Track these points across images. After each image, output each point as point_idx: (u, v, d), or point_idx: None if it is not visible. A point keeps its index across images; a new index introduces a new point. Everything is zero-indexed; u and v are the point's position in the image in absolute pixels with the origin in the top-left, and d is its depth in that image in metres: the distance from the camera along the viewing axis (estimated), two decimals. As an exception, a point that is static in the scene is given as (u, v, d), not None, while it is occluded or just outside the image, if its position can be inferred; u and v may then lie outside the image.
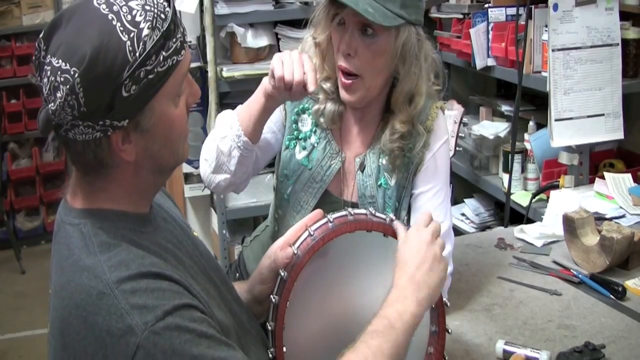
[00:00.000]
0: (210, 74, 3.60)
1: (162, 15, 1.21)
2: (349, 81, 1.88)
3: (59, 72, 1.17)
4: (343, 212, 1.51)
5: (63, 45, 1.18)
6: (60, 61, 1.17)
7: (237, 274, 2.31)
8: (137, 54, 1.17)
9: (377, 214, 1.53)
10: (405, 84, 1.91)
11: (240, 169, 1.93)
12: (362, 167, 2.00)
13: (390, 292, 1.40)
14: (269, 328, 1.46)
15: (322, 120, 2.00)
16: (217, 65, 3.62)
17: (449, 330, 1.54)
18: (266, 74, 2.16)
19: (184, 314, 1.19)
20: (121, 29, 1.17)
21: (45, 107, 1.20)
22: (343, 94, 1.91)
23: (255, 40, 3.68)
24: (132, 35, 1.17)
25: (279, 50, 3.74)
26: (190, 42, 3.87)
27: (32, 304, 4.53)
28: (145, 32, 1.18)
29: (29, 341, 4.18)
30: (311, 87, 1.73)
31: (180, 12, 3.68)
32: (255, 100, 1.86)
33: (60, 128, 1.21)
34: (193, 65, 3.88)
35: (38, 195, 5.58)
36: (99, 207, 1.29)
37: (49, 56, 1.19)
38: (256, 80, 3.49)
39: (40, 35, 1.22)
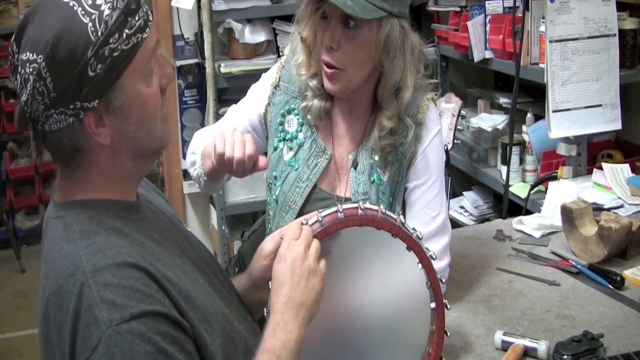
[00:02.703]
0: (208, 70, 3.60)
1: None
2: (331, 70, 1.87)
3: (28, 64, 1.21)
4: (354, 205, 1.51)
5: (29, 39, 1.22)
6: (28, 53, 1.21)
7: (237, 269, 2.31)
8: (99, 33, 1.21)
9: (388, 212, 1.52)
10: (390, 77, 1.89)
11: (212, 186, 2.10)
12: (355, 165, 2.00)
13: (270, 317, 1.37)
14: (265, 314, 1.45)
15: (309, 117, 2.00)
16: (214, 61, 3.62)
17: (447, 333, 1.53)
18: (264, 69, 2.17)
19: (150, 323, 1.19)
20: (82, 12, 1.22)
21: (19, 102, 1.24)
22: (326, 83, 1.91)
23: (253, 36, 3.68)
24: (93, 17, 1.22)
25: (277, 46, 3.75)
26: (187, 38, 3.87)
27: (33, 303, 4.49)
28: (106, 12, 1.22)
29: (30, 340, 4.18)
30: (262, 162, 1.77)
31: (178, 8, 3.69)
32: (204, 164, 1.94)
33: (37, 123, 1.25)
34: (191, 61, 3.89)
35: (37, 195, 5.59)
36: (82, 199, 1.31)
37: (19, 55, 1.23)
38: (254, 75, 3.51)
39: (12, 39, 1.26)
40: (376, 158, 1.97)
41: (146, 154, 1.35)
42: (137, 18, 1.26)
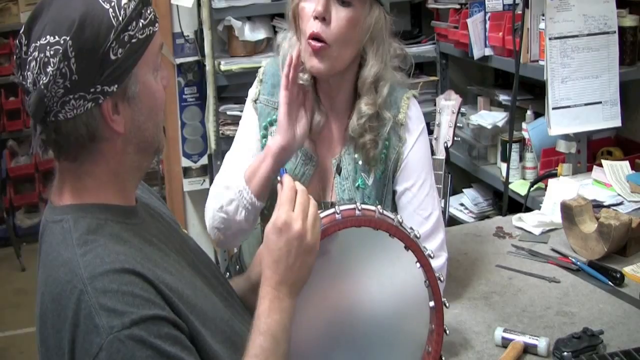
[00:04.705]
0: (208, 67, 3.60)
1: None
2: (318, 45, 1.83)
3: (48, 47, 1.22)
4: (351, 205, 1.51)
5: (48, 24, 1.23)
6: (48, 37, 1.22)
7: (237, 267, 2.31)
8: (120, 19, 1.25)
9: (386, 212, 1.52)
10: (373, 66, 1.89)
11: (252, 217, 1.91)
12: (338, 170, 1.98)
13: (263, 292, 1.38)
14: None
15: None
16: (214, 58, 3.62)
17: (447, 331, 1.53)
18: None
19: (151, 328, 1.19)
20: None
21: (35, 90, 1.23)
22: (312, 61, 1.85)
23: (252, 33, 3.67)
24: (112, 3, 1.26)
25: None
26: (187, 36, 3.87)
27: (33, 301, 4.42)
28: (124, 1, 1.27)
29: (30, 338, 4.15)
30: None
31: (177, 6, 3.69)
32: (264, 163, 1.83)
33: (49, 114, 1.24)
34: (191, 59, 3.89)
35: (37, 193, 5.59)
36: (82, 202, 1.31)
37: (32, 44, 1.23)
38: (254, 73, 3.50)
39: (21, 31, 1.27)
40: (360, 162, 1.96)
41: (149, 149, 1.37)
42: (149, 11, 1.30)
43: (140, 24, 1.28)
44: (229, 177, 1.95)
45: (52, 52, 1.21)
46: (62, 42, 1.21)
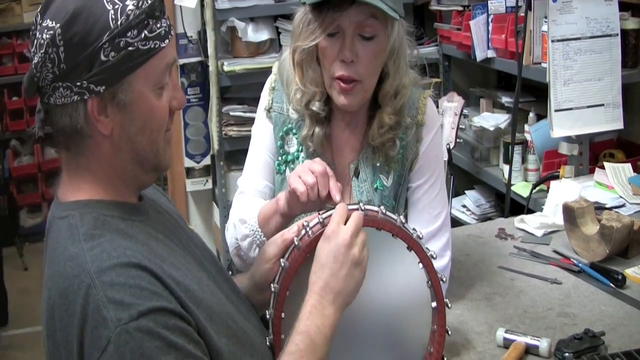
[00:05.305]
0: (211, 68, 3.61)
1: (148, 0, 1.28)
2: (350, 85, 1.82)
3: (46, 30, 1.24)
4: (354, 206, 1.51)
5: (54, 9, 1.25)
6: (48, 21, 1.24)
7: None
8: (119, 23, 1.24)
9: (388, 213, 1.52)
10: (395, 79, 1.88)
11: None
12: (356, 173, 1.97)
13: (307, 298, 1.40)
14: (268, 316, 1.47)
15: (310, 143, 1.94)
16: (218, 59, 3.63)
17: (449, 332, 1.54)
18: (267, 68, 2.13)
19: (158, 319, 1.19)
20: (107, 0, 1.25)
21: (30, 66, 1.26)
22: (342, 99, 1.85)
23: (256, 34, 3.69)
24: (116, 7, 1.25)
25: (280, 45, 3.75)
26: (191, 36, 3.88)
27: (35, 300, 4.49)
28: (130, 7, 1.25)
29: (32, 337, 4.19)
30: (338, 197, 1.66)
31: (181, 7, 3.70)
32: (273, 218, 1.81)
33: (44, 95, 1.27)
34: (194, 59, 3.91)
35: (40, 192, 5.60)
36: (86, 199, 1.32)
37: (42, 24, 1.25)
38: (257, 74, 3.55)
39: (39, 10, 1.28)
40: (377, 164, 1.96)
41: (146, 164, 1.35)
42: (159, 25, 1.29)
43: (143, 35, 1.26)
44: (248, 185, 2.03)
45: (46, 36, 1.23)
46: (55, 27, 1.23)
